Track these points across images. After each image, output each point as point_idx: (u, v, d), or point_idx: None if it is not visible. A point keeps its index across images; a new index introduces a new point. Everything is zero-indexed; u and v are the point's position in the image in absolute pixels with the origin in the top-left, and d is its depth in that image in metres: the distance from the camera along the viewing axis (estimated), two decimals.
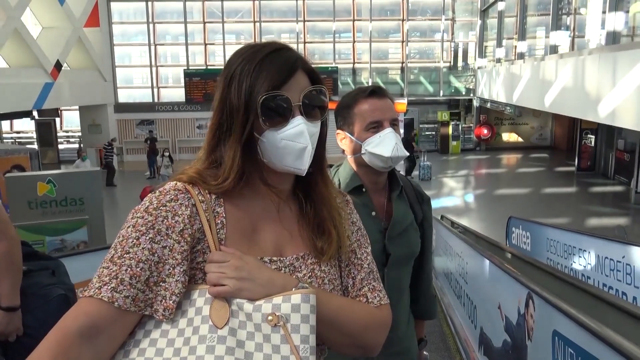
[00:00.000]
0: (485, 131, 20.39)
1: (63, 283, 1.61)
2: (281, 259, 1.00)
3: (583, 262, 4.81)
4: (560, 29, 10.61)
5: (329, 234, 1.04)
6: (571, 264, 5.04)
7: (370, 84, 21.10)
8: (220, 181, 0.98)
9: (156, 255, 0.89)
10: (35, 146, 18.82)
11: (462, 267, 4.50)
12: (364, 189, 1.78)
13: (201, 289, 0.91)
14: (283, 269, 0.99)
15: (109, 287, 0.85)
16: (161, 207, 0.92)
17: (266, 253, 1.00)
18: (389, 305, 1.09)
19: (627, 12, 8.27)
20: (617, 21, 7.78)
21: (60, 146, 20.71)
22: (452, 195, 13.87)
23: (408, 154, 1.78)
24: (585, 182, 14.30)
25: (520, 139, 21.25)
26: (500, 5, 16.36)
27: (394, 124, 1.74)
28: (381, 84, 21.70)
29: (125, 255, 0.88)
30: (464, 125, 21.04)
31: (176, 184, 0.97)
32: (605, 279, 4.35)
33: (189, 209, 0.94)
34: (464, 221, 8.72)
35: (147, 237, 0.89)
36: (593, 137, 14.87)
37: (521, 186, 14.11)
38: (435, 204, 12.52)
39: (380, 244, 1.74)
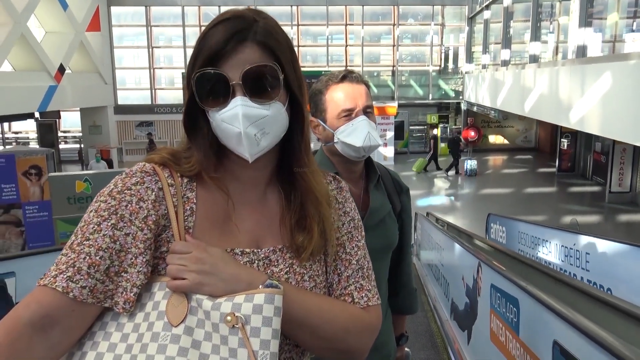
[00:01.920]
0: (472, 133, 21.16)
1: None
2: (255, 250, 0.93)
3: (545, 250, 5.57)
4: (539, 40, 11.38)
5: (310, 231, 0.95)
6: (537, 253, 5.80)
7: None
8: (191, 163, 0.92)
9: (118, 243, 0.83)
10: (38, 146, 19.40)
11: (440, 254, 5.25)
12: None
13: (162, 282, 0.85)
14: (257, 261, 0.92)
15: (65, 276, 0.79)
16: (125, 191, 0.86)
17: (239, 244, 0.92)
18: (380, 306, 1.00)
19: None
20: (585, 37, 8.56)
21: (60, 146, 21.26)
22: (439, 194, 14.65)
23: (381, 143, 1.74)
24: (565, 182, 15.14)
25: (506, 141, 22.09)
26: (486, 14, 17.15)
27: (367, 111, 1.67)
28: (373, 87, 22.49)
29: (84, 242, 0.82)
30: (453, 127, 21.84)
31: (144, 165, 0.92)
32: (562, 264, 5.11)
33: (154, 192, 0.88)
34: (449, 218, 9.46)
35: (109, 223, 0.83)
36: (569, 139, 15.73)
37: (505, 186, 14.91)
38: (434, 200, 13.31)
39: None
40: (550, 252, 5.43)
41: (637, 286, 3.91)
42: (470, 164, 16.72)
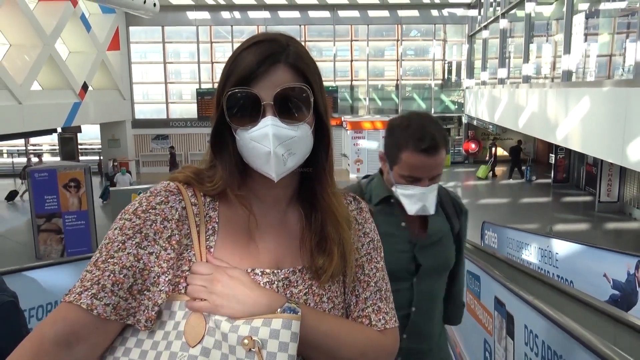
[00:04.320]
0: (473, 146, 22.08)
1: (4, 291, 1.52)
2: (275, 271, 0.92)
3: (527, 252, 6.51)
4: (529, 62, 12.35)
5: (330, 254, 0.95)
6: (521, 254, 6.73)
7: (367, 100, 22.93)
8: (214, 182, 0.94)
9: (142, 261, 0.84)
10: (59, 158, 20.47)
11: None
12: (392, 200, 1.78)
13: (182, 301, 0.86)
14: (276, 282, 0.92)
15: (90, 294, 0.81)
16: (150, 210, 0.88)
17: (261, 264, 0.92)
18: (397, 329, 1.01)
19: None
20: (569, 62, 9.51)
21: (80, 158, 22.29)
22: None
23: (433, 212, 1.72)
24: (560, 192, 16.03)
25: (505, 153, 22.96)
26: (485, 34, 18.14)
27: (434, 178, 1.70)
28: (377, 100, 23.45)
29: (109, 260, 0.83)
30: (457, 137, 22.77)
31: (169, 184, 0.93)
32: (539, 263, 6.05)
33: (178, 212, 0.90)
34: None
35: (134, 242, 0.85)
36: (564, 152, 16.62)
37: (502, 196, 15.81)
38: None
39: (410, 253, 1.74)
40: (530, 254, 6.37)
41: (591, 277, 4.85)
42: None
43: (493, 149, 19.83)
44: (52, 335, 0.80)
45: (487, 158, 20.37)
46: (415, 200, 1.68)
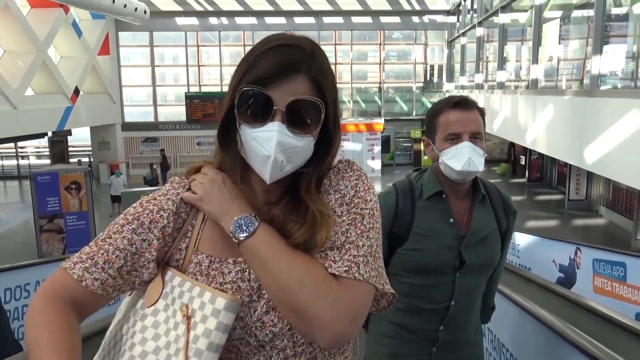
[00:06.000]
0: None
1: None
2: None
3: None
4: (504, 69, 13.17)
5: (301, 222, 0.93)
6: None
7: (351, 103, 23.60)
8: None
9: (134, 246, 0.93)
10: (49, 161, 20.84)
11: None
12: (443, 195, 1.79)
13: (170, 272, 0.96)
14: (248, 269, 0.94)
15: (83, 266, 0.91)
16: (151, 200, 0.97)
17: (238, 254, 0.94)
18: (368, 286, 0.88)
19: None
20: (537, 71, 10.31)
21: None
22: None
23: (482, 169, 1.69)
24: (533, 191, 16.89)
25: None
26: (463, 40, 18.96)
27: (475, 137, 1.70)
28: (361, 103, 24.11)
29: (107, 240, 0.93)
30: None
31: (174, 178, 1.04)
32: None
33: (175, 204, 0.97)
34: None
35: (130, 227, 0.94)
36: (536, 153, 17.48)
37: None
38: None
39: (456, 250, 1.74)
40: None
41: (544, 264, 5.60)
42: None
43: (512, 148, 20.63)
44: (52, 292, 0.92)
45: (509, 158, 21.20)
46: (461, 155, 1.68)
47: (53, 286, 0.92)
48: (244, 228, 0.90)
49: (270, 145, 0.88)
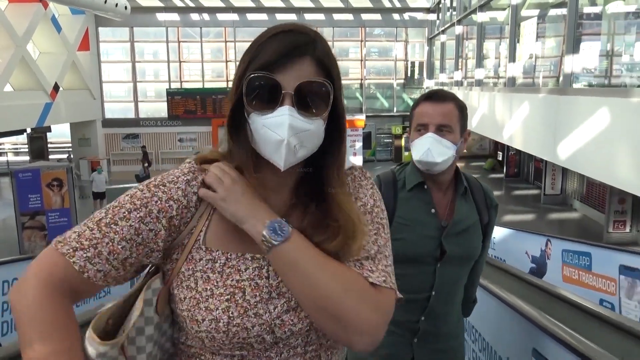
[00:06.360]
0: None
1: None
2: (266, 257, 0.91)
3: None
4: (482, 67, 13.46)
5: (334, 232, 0.91)
6: None
7: None
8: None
9: (141, 237, 0.88)
10: (28, 158, 20.61)
11: None
12: (425, 187, 1.82)
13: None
14: (266, 267, 0.93)
15: (85, 255, 0.85)
16: (160, 186, 0.92)
17: (251, 249, 0.92)
18: (393, 295, 0.92)
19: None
20: (513, 70, 10.59)
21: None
22: None
23: (441, 160, 1.72)
24: (511, 186, 17.27)
25: (464, 150, 24.15)
26: (442, 37, 19.24)
27: (442, 128, 1.73)
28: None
29: (112, 226, 0.87)
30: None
31: (185, 165, 0.98)
32: None
33: (186, 197, 0.93)
34: None
35: (138, 215, 0.88)
36: (514, 149, 17.87)
37: None
38: None
39: (437, 240, 1.77)
40: None
41: (517, 256, 5.85)
42: None
43: (498, 144, 20.95)
44: (47, 274, 0.86)
45: (494, 152, 21.46)
46: (420, 146, 1.74)
47: (48, 270, 0.86)
48: (279, 232, 0.88)
49: (282, 129, 0.87)
